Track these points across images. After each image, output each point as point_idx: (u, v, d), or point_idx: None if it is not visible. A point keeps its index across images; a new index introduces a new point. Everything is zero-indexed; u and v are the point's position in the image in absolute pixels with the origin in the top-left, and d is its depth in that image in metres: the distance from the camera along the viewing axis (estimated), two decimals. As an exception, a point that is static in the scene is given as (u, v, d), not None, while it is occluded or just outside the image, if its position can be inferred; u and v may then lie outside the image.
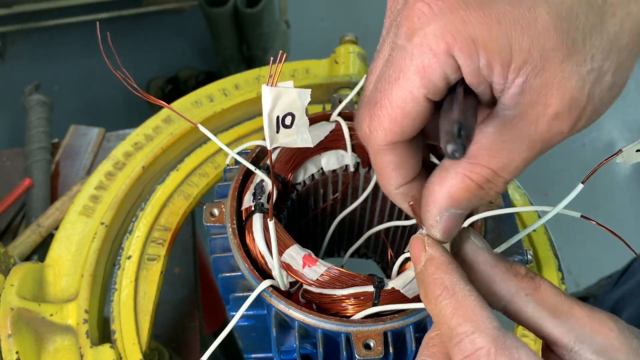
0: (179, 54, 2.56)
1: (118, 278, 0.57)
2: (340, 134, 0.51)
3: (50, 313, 0.55)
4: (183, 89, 2.34)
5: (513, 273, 0.31)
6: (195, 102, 0.72)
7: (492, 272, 0.31)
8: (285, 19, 2.45)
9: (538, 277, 0.32)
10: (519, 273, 0.31)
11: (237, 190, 0.49)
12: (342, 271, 0.43)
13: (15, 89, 1.42)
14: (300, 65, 0.75)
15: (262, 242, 0.45)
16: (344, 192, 0.56)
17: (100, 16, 2.44)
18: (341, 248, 0.66)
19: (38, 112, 0.94)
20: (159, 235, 0.61)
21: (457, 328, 0.28)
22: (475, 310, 0.29)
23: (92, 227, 0.62)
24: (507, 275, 0.31)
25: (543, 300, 0.31)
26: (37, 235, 0.79)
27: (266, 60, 2.33)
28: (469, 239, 0.32)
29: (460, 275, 0.30)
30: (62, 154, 0.92)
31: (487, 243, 0.33)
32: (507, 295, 0.31)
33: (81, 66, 2.48)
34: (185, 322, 0.74)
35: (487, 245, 0.33)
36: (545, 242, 0.63)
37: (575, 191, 0.36)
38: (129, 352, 0.53)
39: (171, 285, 0.78)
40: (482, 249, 0.32)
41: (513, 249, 0.47)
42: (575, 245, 1.88)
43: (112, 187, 0.65)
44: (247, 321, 0.48)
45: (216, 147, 0.67)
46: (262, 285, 0.43)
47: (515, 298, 0.31)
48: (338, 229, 0.60)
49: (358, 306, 0.43)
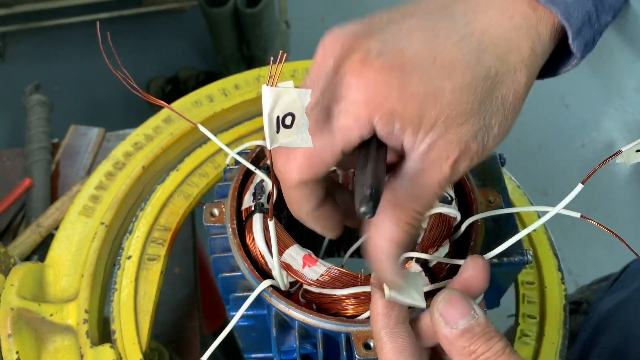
0: (179, 54, 2.56)
1: (118, 278, 0.57)
2: (340, 134, 0.51)
3: (50, 313, 0.55)
4: (183, 89, 2.34)
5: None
6: (195, 102, 0.72)
7: (448, 348, 0.34)
8: (285, 19, 2.45)
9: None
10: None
11: (237, 190, 0.49)
12: (342, 271, 0.43)
13: (15, 89, 1.42)
14: (300, 65, 0.75)
15: (262, 242, 0.45)
16: (344, 192, 0.56)
17: (101, 16, 2.44)
18: (341, 248, 0.66)
19: (38, 112, 0.94)
20: (159, 235, 0.61)
21: None
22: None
23: (92, 227, 0.62)
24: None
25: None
26: (37, 235, 0.79)
27: (266, 60, 2.33)
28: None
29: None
30: (62, 154, 0.92)
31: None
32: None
33: (81, 66, 2.48)
34: (185, 322, 0.74)
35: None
36: (545, 242, 0.63)
37: (575, 191, 0.36)
38: (129, 352, 0.53)
39: (171, 285, 0.78)
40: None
41: (513, 249, 0.47)
42: (575, 245, 1.88)
43: (112, 187, 0.65)
44: (247, 321, 0.48)
45: (216, 147, 0.67)
46: (262, 285, 0.43)
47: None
48: (338, 229, 0.60)
49: (358, 306, 0.43)
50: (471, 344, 0.32)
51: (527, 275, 0.61)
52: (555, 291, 0.59)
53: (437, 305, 0.34)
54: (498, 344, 0.32)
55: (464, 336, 0.33)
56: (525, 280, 0.61)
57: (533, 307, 0.59)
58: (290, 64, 0.75)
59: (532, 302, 0.59)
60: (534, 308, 0.59)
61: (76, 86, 2.44)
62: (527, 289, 0.60)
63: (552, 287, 0.60)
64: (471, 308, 0.34)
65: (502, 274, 0.49)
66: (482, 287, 0.37)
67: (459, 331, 0.33)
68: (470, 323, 0.33)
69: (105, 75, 2.46)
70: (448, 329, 0.33)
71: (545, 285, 0.60)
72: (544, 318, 0.58)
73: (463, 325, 0.33)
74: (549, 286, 0.60)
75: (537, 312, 0.59)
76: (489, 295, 0.51)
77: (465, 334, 0.33)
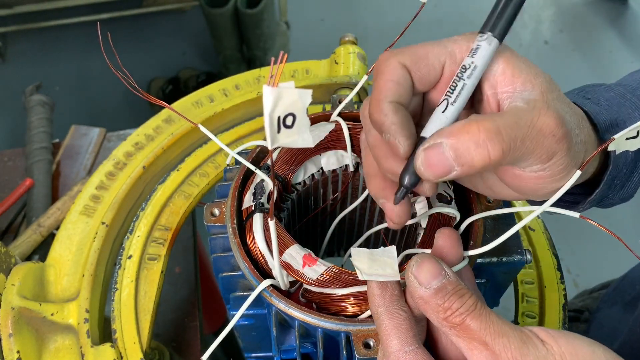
0: (180, 55, 2.56)
1: (119, 278, 0.58)
2: (340, 134, 0.51)
3: (51, 312, 0.55)
4: (183, 89, 2.34)
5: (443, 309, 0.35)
6: (196, 102, 0.72)
7: (424, 308, 0.36)
8: (285, 20, 2.45)
9: (465, 316, 0.34)
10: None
11: (238, 190, 0.49)
12: (343, 270, 0.43)
13: (16, 89, 1.42)
14: (300, 65, 0.75)
15: (262, 242, 0.45)
16: (344, 192, 0.56)
17: (101, 16, 2.44)
18: (341, 248, 0.66)
19: (39, 112, 0.94)
20: (159, 235, 0.61)
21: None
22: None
23: (93, 226, 0.62)
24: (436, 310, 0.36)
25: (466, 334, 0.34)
26: (38, 235, 0.79)
27: (266, 60, 2.34)
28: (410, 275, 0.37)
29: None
30: (63, 154, 0.92)
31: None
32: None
33: (82, 66, 2.49)
34: (185, 322, 0.74)
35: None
36: (544, 241, 0.63)
37: (573, 179, 0.37)
38: (130, 351, 0.54)
39: (172, 284, 0.78)
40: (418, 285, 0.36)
41: (512, 249, 0.47)
42: (575, 245, 1.88)
43: (113, 187, 0.65)
44: (247, 320, 0.48)
45: (216, 147, 0.67)
46: (262, 285, 0.43)
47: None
48: (338, 228, 0.60)
49: (358, 305, 0.43)
50: (445, 301, 0.35)
51: (526, 274, 0.61)
52: (555, 290, 0.60)
53: (410, 269, 0.36)
54: (470, 299, 0.34)
55: (437, 294, 0.35)
56: (525, 279, 0.61)
57: (532, 306, 0.59)
58: (290, 65, 0.75)
59: (532, 302, 0.60)
60: (533, 307, 0.59)
61: (77, 86, 2.45)
62: (527, 288, 0.60)
63: (551, 286, 0.60)
64: (442, 269, 0.36)
65: (502, 273, 0.49)
66: (454, 255, 0.40)
67: (432, 290, 0.35)
68: (442, 282, 0.35)
69: (106, 75, 2.46)
70: (422, 289, 0.35)
71: (545, 284, 0.60)
72: (543, 317, 0.58)
73: (436, 285, 0.35)
74: (548, 285, 0.60)
75: (536, 311, 0.59)
76: (488, 295, 0.51)
77: (439, 293, 0.35)
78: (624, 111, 0.45)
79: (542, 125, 0.35)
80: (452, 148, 0.34)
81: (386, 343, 0.36)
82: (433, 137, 0.36)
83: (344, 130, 0.51)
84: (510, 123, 0.34)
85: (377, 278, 0.38)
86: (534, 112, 0.35)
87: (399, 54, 0.39)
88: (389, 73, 0.38)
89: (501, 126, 0.34)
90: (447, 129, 0.35)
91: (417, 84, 0.39)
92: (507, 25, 0.37)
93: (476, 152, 0.34)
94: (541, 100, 0.36)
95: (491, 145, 0.34)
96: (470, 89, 0.38)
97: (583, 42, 2.64)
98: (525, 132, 0.35)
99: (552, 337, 0.33)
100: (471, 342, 0.34)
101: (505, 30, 0.37)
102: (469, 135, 0.34)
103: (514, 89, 0.37)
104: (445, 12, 2.75)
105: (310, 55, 0.79)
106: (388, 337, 0.36)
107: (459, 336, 0.34)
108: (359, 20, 2.71)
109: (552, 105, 0.36)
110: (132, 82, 0.42)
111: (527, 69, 0.37)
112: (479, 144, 0.34)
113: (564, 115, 0.36)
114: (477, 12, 2.75)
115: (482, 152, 0.34)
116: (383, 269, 0.39)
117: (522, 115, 0.35)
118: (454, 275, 0.36)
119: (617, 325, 0.67)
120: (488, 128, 0.34)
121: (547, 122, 0.35)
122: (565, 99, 0.39)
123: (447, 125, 0.37)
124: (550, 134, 0.35)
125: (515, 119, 0.35)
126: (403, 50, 0.39)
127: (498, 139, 0.34)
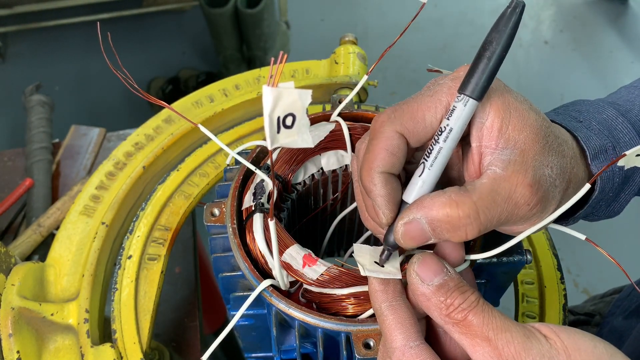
0: (180, 55, 2.56)
1: (119, 278, 0.58)
2: (340, 134, 0.51)
3: (51, 312, 0.55)
4: (183, 89, 2.34)
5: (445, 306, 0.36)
6: (196, 102, 0.72)
7: (427, 305, 0.36)
8: (285, 20, 2.45)
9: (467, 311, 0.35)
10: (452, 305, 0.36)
11: (238, 190, 0.49)
12: (343, 270, 0.43)
13: (16, 89, 1.42)
14: (300, 65, 0.75)
15: (262, 242, 0.45)
16: (344, 192, 0.56)
17: (101, 16, 2.44)
18: (341, 248, 0.66)
19: (39, 112, 0.94)
20: (159, 235, 0.61)
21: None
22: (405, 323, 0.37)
23: (92, 226, 0.62)
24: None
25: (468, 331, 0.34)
26: (38, 235, 0.79)
27: (266, 60, 2.34)
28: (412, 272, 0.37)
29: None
30: (63, 154, 0.92)
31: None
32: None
33: (82, 66, 2.49)
34: (185, 322, 0.74)
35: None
36: (544, 241, 0.63)
37: (581, 192, 0.37)
38: (130, 351, 0.53)
39: (172, 284, 0.78)
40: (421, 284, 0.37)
41: (512, 249, 0.47)
42: (575, 245, 1.88)
43: (113, 187, 0.65)
44: (247, 320, 0.48)
45: (216, 147, 0.67)
46: (262, 285, 0.43)
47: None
48: (338, 228, 0.60)
49: (358, 306, 0.43)
50: (447, 297, 0.35)
51: (526, 274, 0.61)
52: (555, 291, 0.60)
53: (413, 267, 0.37)
54: (472, 296, 0.35)
55: (439, 291, 0.35)
56: (525, 279, 0.61)
57: (532, 307, 0.59)
58: (290, 65, 0.75)
59: (532, 302, 0.60)
60: (533, 307, 0.59)
61: (77, 86, 2.45)
62: (527, 289, 0.60)
63: (551, 286, 0.60)
64: (443, 266, 0.36)
65: (502, 273, 0.49)
66: (456, 257, 0.40)
67: (434, 287, 0.36)
68: (444, 279, 0.36)
69: (105, 75, 2.46)
70: (424, 286, 0.36)
71: (545, 284, 0.60)
72: (543, 317, 0.58)
73: (438, 281, 0.36)
74: (548, 285, 0.60)
75: (536, 312, 0.59)
76: (488, 295, 0.51)
77: (441, 289, 0.35)
78: (615, 135, 0.45)
79: (518, 198, 0.36)
80: (431, 225, 0.36)
81: (390, 339, 0.36)
82: (412, 209, 0.37)
83: (344, 131, 0.51)
84: (487, 203, 0.35)
85: (379, 275, 0.38)
86: (512, 181, 0.36)
87: (395, 120, 0.38)
88: (383, 142, 0.38)
89: (480, 208, 0.35)
90: (427, 202, 0.36)
91: (414, 143, 0.39)
92: (486, 82, 0.36)
93: (454, 233, 0.36)
94: (520, 163, 0.36)
95: (469, 229, 0.35)
96: (448, 151, 0.38)
97: (583, 42, 2.64)
98: (502, 208, 0.36)
99: (554, 332, 0.33)
100: (474, 339, 0.34)
101: (484, 87, 0.36)
102: (448, 218, 0.35)
103: (496, 145, 0.37)
104: (445, 12, 2.75)
105: (310, 55, 0.79)
106: (392, 333, 0.36)
107: (461, 333, 0.34)
108: (359, 20, 2.71)
109: (531, 167, 0.36)
110: (132, 82, 0.42)
111: (515, 121, 0.37)
112: (458, 227, 0.35)
113: (541, 176, 0.36)
114: (477, 12, 2.75)
115: (460, 234, 0.36)
116: (385, 268, 0.40)
117: (499, 187, 0.36)
118: (455, 272, 0.36)
119: (629, 331, 0.67)
120: (467, 213, 0.35)
121: (523, 192, 0.36)
122: (552, 134, 0.38)
123: (427, 190, 0.38)
124: (525, 204, 0.36)
125: (493, 195, 0.35)
126: (400, 114, 0.39)
127: (476, 222, 0.35)
